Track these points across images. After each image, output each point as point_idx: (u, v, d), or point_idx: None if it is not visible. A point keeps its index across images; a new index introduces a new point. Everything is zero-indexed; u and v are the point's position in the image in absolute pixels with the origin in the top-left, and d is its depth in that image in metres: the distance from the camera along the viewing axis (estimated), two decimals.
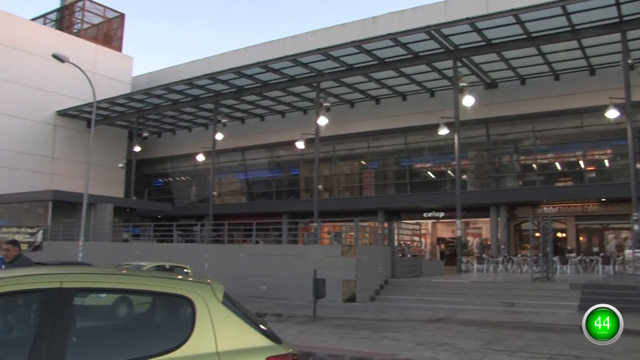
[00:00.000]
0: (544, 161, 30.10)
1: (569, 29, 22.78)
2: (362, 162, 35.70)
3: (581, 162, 29.05)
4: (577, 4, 20.77)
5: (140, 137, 39.59)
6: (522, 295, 17.76)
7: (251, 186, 40.49)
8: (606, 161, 28.78)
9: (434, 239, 34.97)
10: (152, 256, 22.35)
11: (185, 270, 17.54)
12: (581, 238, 30.30)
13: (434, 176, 33.27)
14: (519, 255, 27.74)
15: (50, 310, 3.29)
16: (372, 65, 27.40)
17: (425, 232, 32.62)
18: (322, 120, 29.05)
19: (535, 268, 20.72)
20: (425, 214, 33.25)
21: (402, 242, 24.41)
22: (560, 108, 27.56)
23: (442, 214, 32.60)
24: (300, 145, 32.97)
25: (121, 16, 46.32)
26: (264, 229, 28.27)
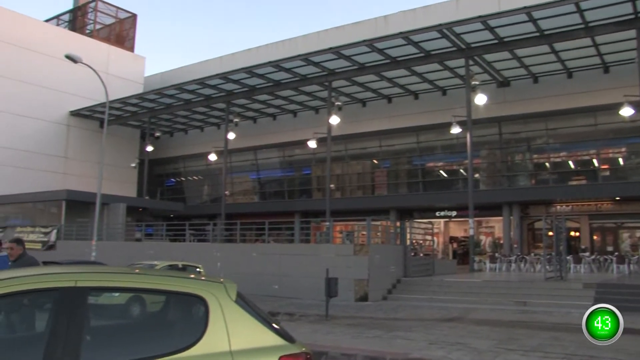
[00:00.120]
0: (557, 160, 29.89)
1: (582, 26, 22.60)
2: (374, 161, 35.64)
3: (595, 161, 28.83)
4: (591, 0, 20.61)
5: (152, 136, 39.76)
6: (535, 294, 17.66)
7: (263, 185, 40.53)
8: (620, 159, 28.55)
9: (446, 238, 34.84)
10: (165, 255, 22.44)
11: (198, 270, 17.59)
12: (595, 237, 30.05)
13: (446, 175, 33.15)
14: (531, 254, 27.57)
15: (65, 309, 3.30)
16: (384, 64, 27.34)
17: (438, 231, 32.54)
18: (334, 120, 29.02)
19: (549, 267, 20.56)
20: (437, 213, 33.16)
21: (414, 241, 24.37)
22: (573, 106, 27.37)
23: (454, 212, 32.50)
24: (313, 144, 32.95)
25: (133, 16, 46.56)
26: (276, 228, 28.28)
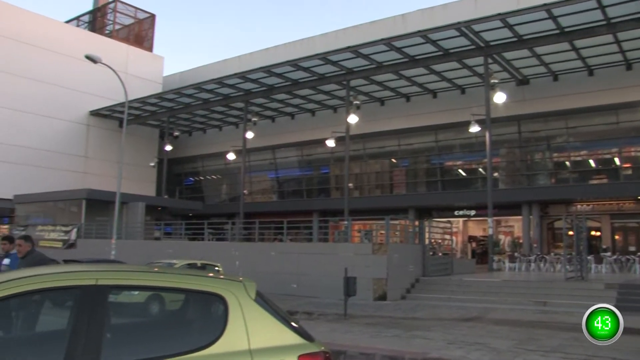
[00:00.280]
0: (578, 158, 29.60)
1: (604, 22, 22.31)
2: (393, 160, 35.56)
3: (616, 159, 28.50)
4: None
5: (171, 136, 39.99)
6: (555, 294, 17.50)
7: (282, 184, 40.61)
8: None
9: (465, 237, 34.68)
10: (184, 254, 22.61)
11: (217, 268, 17.70)
12: (617, 237, 29.70)
13: (465, 174, 32.97)
14: (551, 253, 27.34)
15: (86, 307, 3.33)
16: (402, 62, 27.27)
17: (457, 230, 32.41)
18: (352, 118, 29.01)
19: (569, 267, 20.35)
20: (456, 212, 33.00)
21: (433, 241, 24.27)
22: (594, 104, 27.04)
23: (473, 212, 32.33)
24: (331, 143, 32.94)
25: (152, 17, 46.90)
26: (294, 227, 28.31)
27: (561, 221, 24.41)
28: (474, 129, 27.65)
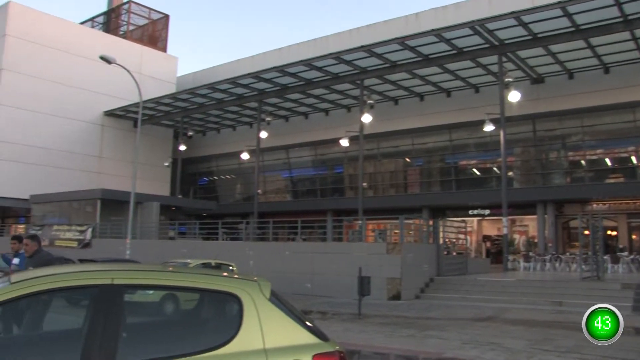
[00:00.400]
0: (594, 157, 29.33)
1: (620, 19, 22.09)
2: (407, 159, 35.46)
3: (633, 158, 28.20)
4: None
5: (185, 136, 40.19)
6: (571, 294, 17.33)
7: (295, 184, 40.63)
8: None
9: (479, 237, 34.50)
10: (198, 254, 22.70)
11: (231, 268, 17.76)
12: (634, 236, 29.39)
13: (479, 173, 32.81)
14: (567, 253, 27.12)
15: (102, 306, 3.36)
16: (416, 61, 27.20)
17: (471, 229, 32.23)
18: (366, 118, 29.00)
19: (585, 267, 20.19)
20: (470, 212, 32.81)
21: (447, 240, 24.18)
22: (610, 102, 26.77)
23: (487, 211, 32.13)
24: (345, 142, 32.95)
25: (165, 17, 47.19)
26: (308, 226, 28.31)
27: (576, 220, 24.20)
28: (488, 128, 27.52)
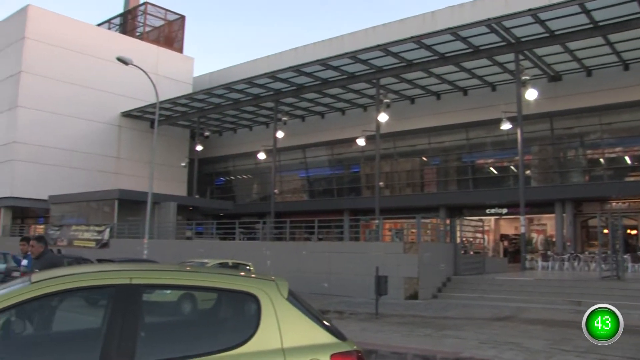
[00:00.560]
0: (612, 155, 29.05)
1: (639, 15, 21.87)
2: (423, 158, 35.34)
3: None
4: None
5: (201, 136, 40.37)
6: (590, 294, 17.14)
7: (312, 184, 40.65)
8: None
9: (497, 236, 34.30)
10: (215, 254, 22.80)
11: (248, 268, 17.81)
12: None
13: (496, 172, 32.61)
14: (586, 252, 26.84)
15: (121, 306, 3.39)
16: (432, 60, 27.09)
17: (488, 228, 32.06)
18: (382, 117, 28.95)
19: (604, 266, 19.97)
20: (487, 211, 32.60)
21: (464, 239, 24.08)
22: (630, 99, 26.46)
23: (505, 210, 31.92)
24: (361, 142, 32.95)
25: (182, 18, 47.43)
26: (325, 226, 28.33)
27: (595, 219, 23.98)
28: (505, 126, 27.38)
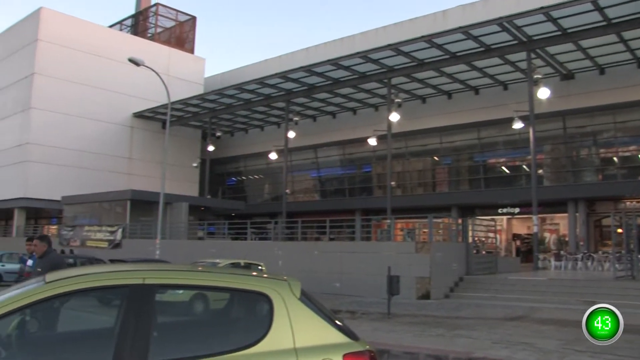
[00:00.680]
0: (626, 154, 28.81)
1: None
2: (435, 157, 35.26)
3: None
4: None
5: (213, 136, 40.49)
6: (604, 294, 16.99)
7: (324, 184, 40.67)
8: None
9: (509, 235, 34.15)
10: (227, 254, 22.84)
11: (260, 268, 17.84)
12: None
13: (508, 171, 32.47)
14: (599, 252, 26.64)
15: (134, 306, 3.40)
16: (443, 59, 27.03)
17: (500, 228, 31.92)
18: (393, 117, 28.93)
19: (618, 266, 19.80)
20: (500, 210, 32.46)
21: (476, 239, 23.99)
22: None
23: (517, 209, 31.77)
24: (373, 141, 32.93)
25: (193, 19, 47.60)
26: (337, 226, 28.34)
27: (609, 218, 23.81)
28: (518, 125, 27.27)
